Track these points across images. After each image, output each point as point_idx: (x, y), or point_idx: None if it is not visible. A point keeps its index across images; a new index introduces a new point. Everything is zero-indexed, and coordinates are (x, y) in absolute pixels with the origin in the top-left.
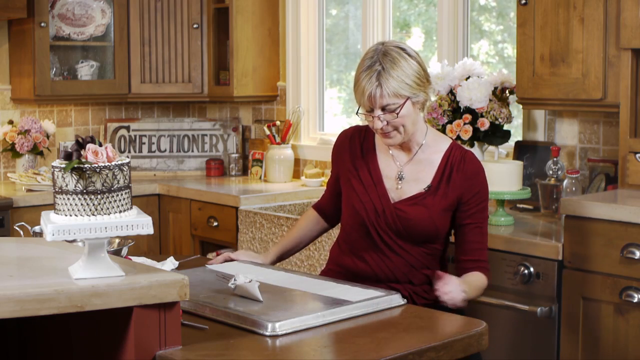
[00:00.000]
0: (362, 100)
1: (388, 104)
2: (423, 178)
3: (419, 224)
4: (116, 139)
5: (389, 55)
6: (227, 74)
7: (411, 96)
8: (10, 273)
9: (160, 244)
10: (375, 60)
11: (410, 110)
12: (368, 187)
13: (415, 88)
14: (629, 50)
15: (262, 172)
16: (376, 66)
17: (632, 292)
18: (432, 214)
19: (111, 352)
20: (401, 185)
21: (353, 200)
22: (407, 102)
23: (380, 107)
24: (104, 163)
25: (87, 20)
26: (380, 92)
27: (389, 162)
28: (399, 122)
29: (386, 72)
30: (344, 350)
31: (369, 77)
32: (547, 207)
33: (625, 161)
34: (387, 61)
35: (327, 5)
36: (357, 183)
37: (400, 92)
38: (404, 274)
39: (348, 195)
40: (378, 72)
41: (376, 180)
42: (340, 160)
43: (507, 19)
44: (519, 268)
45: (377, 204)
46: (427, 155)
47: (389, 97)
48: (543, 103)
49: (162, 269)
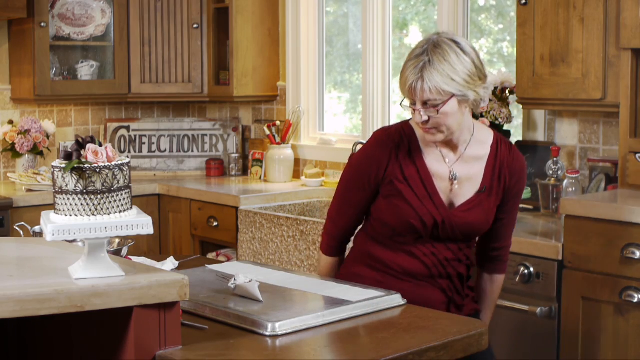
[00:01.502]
0: (404, 90)
1: (429, 99)
2: (474, 177)
3: (476, 227)
4: (116, 139)
5: (439, 47)
6: (227, 74)
7: (457, 94)
8: (10, 273)
9: (160, 244)
10: (424, 50)
11: (454, 108)
12: (423, 199)
13: (463, 85)
14: (629, 50)
15: (262, 172)
16: (423, 57)
17: (632, 292)
18: (488, 214)
19: (111, 352)
20: (457, 186)
21: (406, 213)
22: (452, 100)
23: (421, 101)
24: (104, 163)
25: (87, 20)
26: (421, 85)
27: (439, 161)
28: (441, 120)
29: (432, 65)
30: (344, 350)
31: (413, 67)
32: (547, 207)
33: (625, 161)
34: (437, 53)
35: (327, 4)
36: (410, 193)
37: (443, 88)
38: (453, 267)
39: (398, 206)
40: (423, 64)
41: (431, 190)
42: (386, 172)
43: (507, 18)
44: (519, 268)
45: (436, 215)
46: (475, 151)
47: (430, 92)
48: (543, 103)
49: (162, 269)
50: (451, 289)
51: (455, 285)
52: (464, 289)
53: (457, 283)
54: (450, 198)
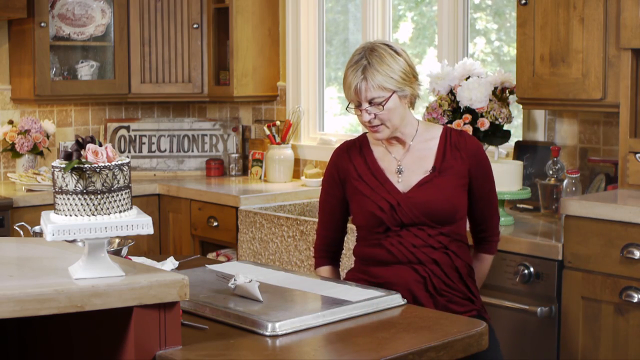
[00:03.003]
0: (350, 94)
1: (374, 97)
2: (424, 164)
3: (434, 204)
4: (116, 139)
5: (375, 51)
6: (227, 74)
7: (397, 90)
8: (10, 273)
9: (160, 244)
10: (362, 56)
11: (397, 103)
12: (375, 187)
13: (401, 82)
14: (629, 50)
15: (262, 172)
16: (362, 61)
17: (632, 292)
18: (445, 192)
19: (111, 352)
20: (401, 178)
21: (366, 205)
22: (393, 96)
23: (366, 100)
24: (104, 163)
25: (87, 20)
26: (365, 85)
27: (388, 158)
28: (385, 116)
29: (372, 67)
30: (344, 350)
31: (355, 71)
32: (547, 207)
33: (625, 161)
34: (374, 56)
35: (326, 4)
36: (365, 187)
37: (385, 85)
38: (423, 252)
39: (359, 201)
40: (364, 67)
41: (381, 179)
42: (344, 173)
43: (503, 17)
44: (519, 268)
45: (390, 199)
46: (423, 144)
47: (374, 89)
48: (543, 103)
49: (162, 269)
50: (426, 271)
51: (431, 270)
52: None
53: (435, 268)
54: (403, 186)
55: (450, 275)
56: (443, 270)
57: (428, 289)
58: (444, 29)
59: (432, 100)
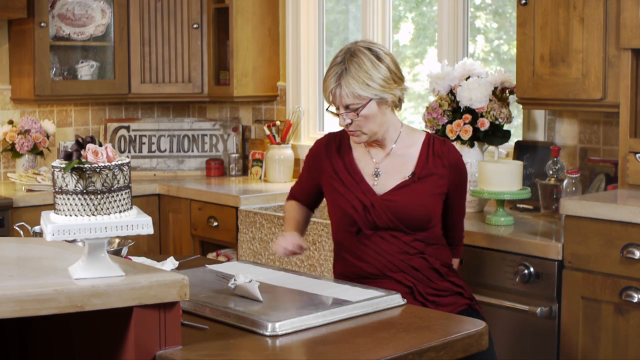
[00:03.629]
0: (327, 97)
1: (349, 104)
2: (404, 170)
3: (410, 210)
4: (116, 139)
5: (356, 56)
6: (227, 74)
7: (374, 97)
8: (10, 273)
9: (160, 244)
10: (342, 60)
11: (374, 110)
12: (350, 186)
13: (379, 90)
14: (629, 50)
15: (262, 172)
16: (341, 65)
17: (632, 292)
18: (422, 198)
19: (111, 352)
20: (377, 182)
21: (340, 202)
22: (370, 103)
23: (342, 105)
24: (104, 163)
25: (87, 20)
26: (339, 92)
27: (366, 160)
28: (362, 122)
29: (348, 73)
30: (344, 350)
31: (333, 75)
32: (547, 207)
33: (625, 161)
34: (353, 62)
35: (327, 4)
36: (340, 185)
37: (360, 93)
38: (400, 260)
39: (333, 199)
40: (341, 72)
41: (357, 178)
42: (319, 169)
43: (503, 17)
44: (519, 268)
45: (364, 200)
46: (404, 149)
47: (347, 97)
48: (543, 103)
49: (162, 269)
50: (409, 280)
51: (414, 277)
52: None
53: (417, 274)
54: (378, 189)
55: (432, 278)
56: (425, 275)
57: (417, 297)
58: (444, 29)
59: (432, 100)
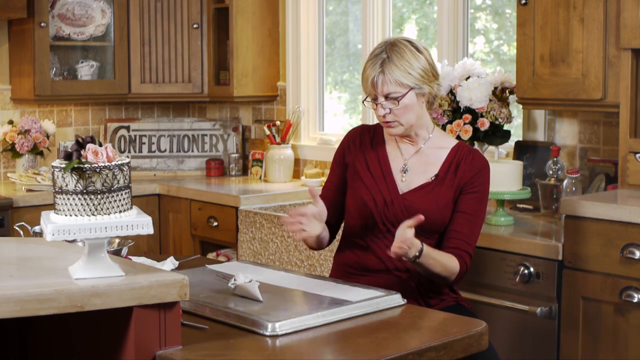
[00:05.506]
0: (367, 87)
1: (390, 92)
2: (429, 170)
3: (427, 214)
4: (116, 139)
5: (396, 46)
6: (227, 74)
7: (414, 87)
8: (10, 273)
9: (160, 244)
10: (382, 50)
11: (413, 101)
12: (377, 178)
13: (420, 80)
14: (629, 50)
15: (262, 172)
16: (382, 54)
17: (632, 292)
18: (440, 204)
19: (111, 352)
20: (405, 178)
21: (361, 193)
22: (410, 92)
23: (382, 94)
24: (104, 163)
25: (87, 20)
26: (382, 78)
27: (397, 155)
28: (400, 112)
29: (391, 61)
30: (344, 350)
31: (373, 64)
32: (547, 207)
33: (625, 161)
34: (394, 51)
35: (327, 4)
36: (367, 175)
37: (402, 80)
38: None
39: (355, 188)
40: (383, 60)
41: (385, 172)
42: (350, 156)
43: (503, 17)
44: (519, 268)
45: (385, 195)
46: (433, 149)
47: (390, 84)
48: (543, 103)
49: (162, 269)
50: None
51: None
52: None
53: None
54: (404, 186)
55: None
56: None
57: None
58: (444, 29)
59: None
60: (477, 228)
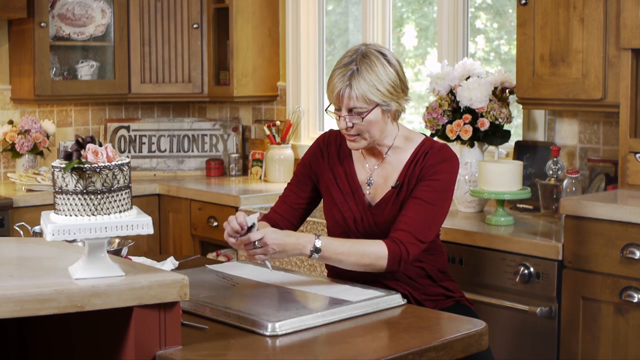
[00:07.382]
0: (332, 97)
1: (355, 107)
2: (390, 179)
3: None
4: (116, 139)
5: (367, 57)
6: (227, 74)
7: (381, 104)
8: (10, 273)
9: (160, 244)
10: (352, 60)
11: (378, 117)
12: (346, 195)
13: (387, 96)
14: (629, 50)
15: (262, 172)
16: (352, 66)
17: (632, 292)
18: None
19: (111, 352)
20: (370, 191)
21: (334, 211)
22: (376, 109)
23: (347, 108)
24: (104, 163)
25: (87, 20)
26: (349, 92)
27: (362, 167)
28: (364, 128)
29: (360, 74)
30: (344, 350)
31: (342, 75)
32: (547, 207)
33: (625, 161)
34: (364, 63)
35: (327, 4)
36: (336, 191)
37: (369, 97)
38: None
39: (329, 205)
40: (352, 72)
41: (353, 187)
42: (318, 168)
43: (503, 17)
44: (519, 268)
45: (355, 212)
46: (395, 156)
47: (357, 99)
48: (543, 103)
49: (162, 269)
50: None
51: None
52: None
53: (412, 283)
54: (370, 199)
55: (425, 284)
56: (419, 283)
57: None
58: (444, 29)
59: (432, 100)
60: (430, 216)
